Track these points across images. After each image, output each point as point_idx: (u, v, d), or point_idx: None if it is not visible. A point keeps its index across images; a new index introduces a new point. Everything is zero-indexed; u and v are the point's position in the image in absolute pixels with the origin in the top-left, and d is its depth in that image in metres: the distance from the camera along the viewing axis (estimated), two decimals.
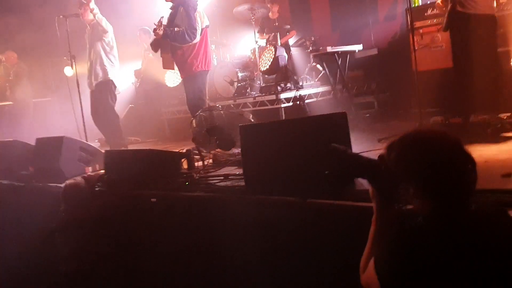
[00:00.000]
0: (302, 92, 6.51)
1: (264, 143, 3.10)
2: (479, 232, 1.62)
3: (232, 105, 6.93)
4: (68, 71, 7.37)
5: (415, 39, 6.07)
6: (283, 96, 6.34)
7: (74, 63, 6.25)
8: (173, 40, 5.14)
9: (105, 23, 6.00)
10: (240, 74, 6.98)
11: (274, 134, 3.14)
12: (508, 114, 3.95)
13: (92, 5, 5.89)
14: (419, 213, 1.74)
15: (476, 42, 4.40)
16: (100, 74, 6.10)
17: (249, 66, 7.06)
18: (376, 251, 1.82)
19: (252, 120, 4.18)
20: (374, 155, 3.57)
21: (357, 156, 1.98)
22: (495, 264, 1.56)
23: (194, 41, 5.08)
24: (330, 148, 2.02)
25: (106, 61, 6.09)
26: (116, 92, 6.25)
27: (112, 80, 6.13)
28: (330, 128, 3.01)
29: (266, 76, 6.96)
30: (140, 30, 7.82)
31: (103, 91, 6.12)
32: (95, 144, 6.57)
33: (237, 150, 4.01)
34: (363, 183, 2.74)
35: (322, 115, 3.27)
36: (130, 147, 6.39)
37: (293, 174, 2.89)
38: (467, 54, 4.46)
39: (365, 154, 3.73)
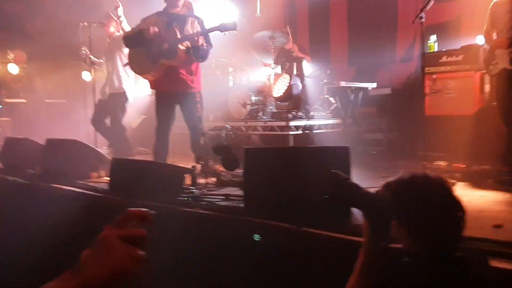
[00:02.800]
0: (312, 122, 6.59)
1: (266, 167, 3.17)
2: (462, 278, 1.67)
3: (243, 127, 7.03)
4: (86, 76, 7.58)
5: (428, 84, 6.19)
6: (293, 123, 6.42)
7: (93, 69, 6.43)
8: (198, 56, 4.62)
9: None
10: (253, 98, 7.09)
11: (277, 160, 3.21)
12: (509, 166, 3.99)
13: (122, 17, 6.15)
14: (407, 252, 1.80)
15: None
16: (116, 84, 6.30)
17: (263, 91, 7.17)
18: (361, 284, 1.87)
19: (259, 144, 4.25)
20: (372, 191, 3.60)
21: (356, 186, 2.05)
22: None
23: None
24: (332, 173, 2.09)
25: (122, 72, 6.28)
26: (126, 104, 6.44)
27: (125, 92, 6.31)
28: (332, 160, 3.09)
29: (278, 102, 7.06)
30: None
31: (115, 102, 6.33)
32: (105, 150, 6.69)
33: (240, 171, 4.07)
34: (358, 215, 2.79)
35: (326, 147, 3.34)
36: (137, 157, 6.49)
37: (291, 201, 2.95)
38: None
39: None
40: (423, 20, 4.49)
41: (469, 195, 3.54)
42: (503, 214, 2.89)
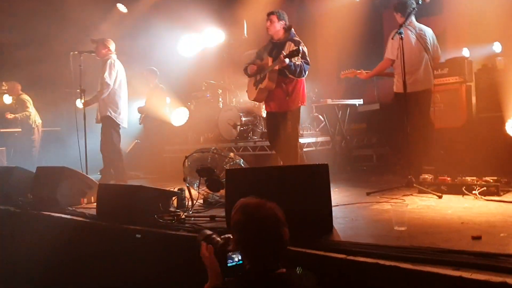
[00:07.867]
0: (302, 140, 6.61)
1: (247, 187, 3.16)
2: None
3: (233, 148, 7.06)
4: (80, 103, 7.63)
5: None
6: None
7: (83, 96, 6.48)
8: (292, 73, 4.93)
9: (117, 64, 6.34)
10: (243, 119, 7.15)
11: (258, 180, 3.23)
12: (495, 178, 4.00)
13: (111, 46, 6.42)
14: (244, 268, 2.05)
15: None
16: (103, 109, 6.37)
17: (253, 111, 7.23)
18: None
19: (243, 165, 4.28)
20: (358, 207, 3.65)
21: None
22: None
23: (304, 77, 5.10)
24: None
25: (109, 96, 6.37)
26: (119, 127, 6.50)
27: (111, 116, 6.36)
28: (312, 178, 3.11)
29: None
30: (146, 70, 8.12)
31: (105, 125, 6.40)
32: (97, 176, 6.70)
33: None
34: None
35: (305, 165, 3.36)
36: (130, 182, 6.51)
37: None
38: None
39: (348, 207, 3.80)
40: (402, 35, 4.55)
41: (453, 208, 3.55)
42: (483, 226, 2.88)
